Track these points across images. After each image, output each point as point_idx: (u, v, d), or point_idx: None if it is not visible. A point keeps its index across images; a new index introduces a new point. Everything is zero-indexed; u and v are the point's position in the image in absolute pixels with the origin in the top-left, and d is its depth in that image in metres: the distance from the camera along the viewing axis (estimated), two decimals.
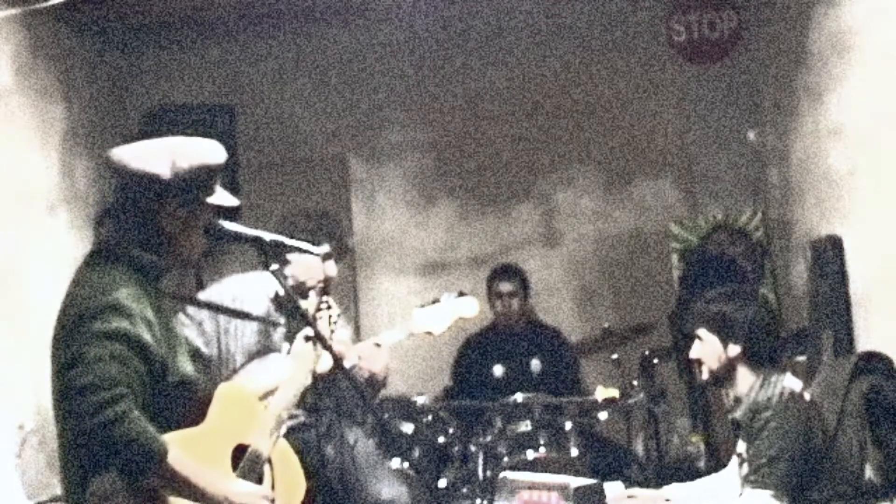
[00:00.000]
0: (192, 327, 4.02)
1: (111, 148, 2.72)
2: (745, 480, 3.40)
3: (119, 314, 2.49)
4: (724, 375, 3.52)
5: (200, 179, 2.67)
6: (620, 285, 6.54)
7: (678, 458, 5.79)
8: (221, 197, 2.76)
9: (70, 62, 5.85)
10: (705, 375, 3.57)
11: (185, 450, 2.52)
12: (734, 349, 3.48)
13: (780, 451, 3.30)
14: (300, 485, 2.95)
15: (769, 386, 3.43)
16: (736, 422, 3.53)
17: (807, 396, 3.47)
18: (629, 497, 3.63)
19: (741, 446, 3.50)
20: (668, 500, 3.62)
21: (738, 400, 3.52)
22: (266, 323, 3.97)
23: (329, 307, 3.61)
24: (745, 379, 3.50)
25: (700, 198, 6.55)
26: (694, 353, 3.58)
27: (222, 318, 4.09)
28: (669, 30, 6.52)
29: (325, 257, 4.04)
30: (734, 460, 3.67)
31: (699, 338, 3.54)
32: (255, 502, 2.64)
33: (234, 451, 2.74)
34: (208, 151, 2.73)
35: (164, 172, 2.61)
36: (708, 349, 3.53)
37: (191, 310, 4.11)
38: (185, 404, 2.62)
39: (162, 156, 2.64)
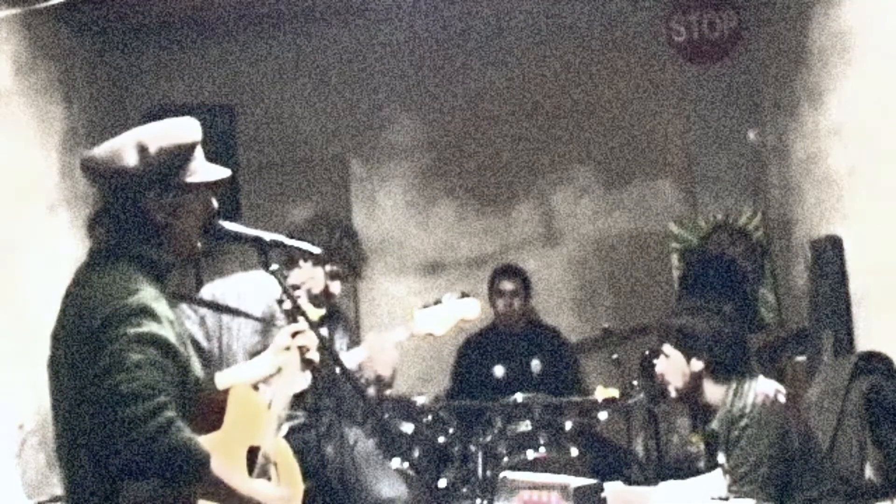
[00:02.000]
0: (194, 320, 4.02)
1: None
2: (729, 491, 3.40)
3: (149, 316, 2.43)
4: (691, 390, 3.54)
5: (175, 161, 2.55)
6: (620, 285, 6.54)
7: (678, 458, 5.77)
8: (206, 172, 2.63)
9: (70, 62, 5.85)
10: (673, 393, 3.58)
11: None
12: (697, 364, 3.49)
13: (759, 460, 3.31)
14: (300, 484, 2.95)
15: (743, 395, 3.43)
16: (714, 433, 3.53)
17: (781, 399, 3.46)
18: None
19: (722, 458, 3.50)
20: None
21: (710, 410, 3.53)
22: (266, 323, 3.97)
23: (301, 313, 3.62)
24: (713, 392, 3.51)
25: (700, 198, 6.54)
26: (659, 368, 3.61)
27: (225, 315, 4.10)
28: (669, 30, 6.52)
29: (333, 276, 4.04)
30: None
31: (664, 353, 3.55)
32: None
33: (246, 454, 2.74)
34: (178, 130, 2.60)
35: (134, 162, 2.51)
36: (672, 365, 3.54)
37: (194, 304, 4.10)
38: (194, 404, 2.61)
39: (129, 146, 2.53)
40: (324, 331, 3.76)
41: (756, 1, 6.33)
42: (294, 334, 3.11)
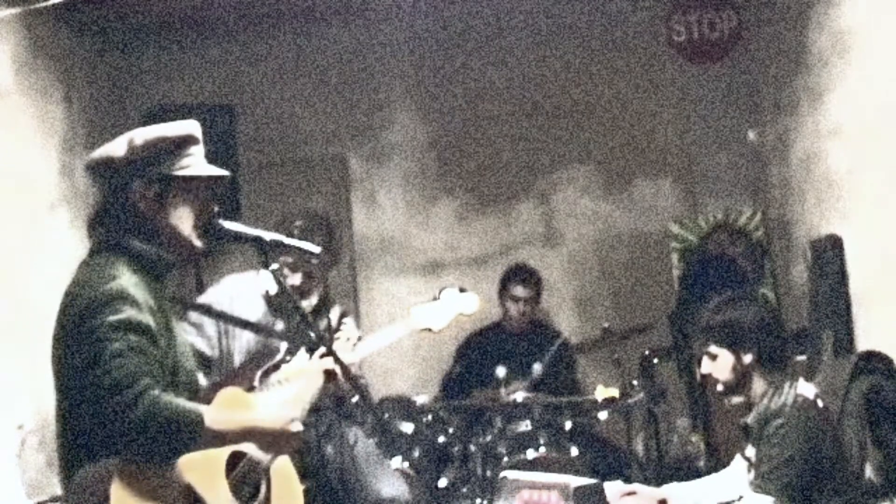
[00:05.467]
0: (193, 332, 4.03)
1: None
2: (750, 483, 3.38)
3: (127, 302, 2.45)
4: (740, 384, 3.47)
5: (160, 152, 2.60)
6: (620, 285, 6.54)
7: (678, 458, 5.78)
8: (196, 169, 2.66)
9: (70, 62, 5.85)
10: (720, 388, 3.51)
11: None
12: (748, 358, 3.44)
13: (788, 459, 3.26)
14: (298, 499, 2.92)
15: (783, 393, 3.38)
16: (746, 426, 3.49)
17: (820, 404, 3.43)
18: (629, 493, 3.61)
19: (750, 451, 3.46)
20: (663, 499, 3.59)
21: (749, 405, 3.48)
22: (266, 332, 3.96)
23: (345, 326, 3.61)
24: (759, 384, 3.45)
25: (700, 198, 6.55)
26: (705, 369, 3.51)
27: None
28: (669, 30, 6.52)
29: (295, 268, 4.02)
30: (736, 462, 3.65)
31: (710, 355, 3.49)
32: (281, 424, 2.65)
33: (231, 457, 2.69)
34: (170, 126, 2.66)
35: (119, 152, 2.58)
36: (721, 364, 3.46)
37: (192, 316, 4.12)
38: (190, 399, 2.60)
39: (120, 140, 2.61)
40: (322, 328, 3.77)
41: (756, 1, 6.33)
42: (324, 355, 3.09)
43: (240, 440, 2.59)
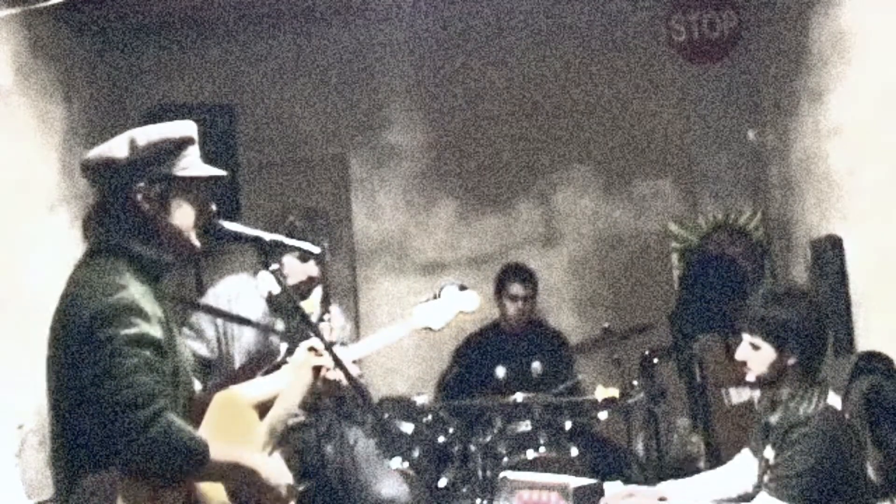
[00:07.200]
0: (193, 336, 4.04)
1: None
2: (764, 485, 3.35)
3: (138, 315, 2.44)
4: (773, 379, 3.42)
5: (162, 153, 2.59)
6: (620, 285, 6.54)
7: (678, 458, 5.78)
8: (197, 169, 2.66)
9: (70, 62, 5.85)
10: (751, 378, 3.45)
11: None
12: (791, 360, 3.36)
13: (807, 469, 3.21)
14: None
15: (811, 402, 3.33)
16: (769, 426, 3.46)
17: (847, 416, 3.40)
18: (629, 495, 3.61)
19: (769, 452, 3.43)
20: (663, 498, 3.58)
21: (774, 404, 3.45)
22: (265, 330, 3.96)
23: (329, 319, 3.60)
24: (791, 385, 3.39)
25: (700, 198, 6.55)
26: (741, 356, 3.45)
27: (220, 321, 4.11)
28: (669, 30, 6.52)
29: (304, 258, 4.03)
30: (738, 458, 3.64)
31: (753, 345, 3.43)
32: (281, 482, 2.63)
33: None
34: (170, 126, 2.66)
35: (122, 152, 2.57)
36: (761, 356, 3.40)
37: (192, 320, 4.12)
38: (188, 406, 2.60)
39: (121, 141, 2.60)
40: (324, 326, 3.77)
41: (756, 1, 6.33)
42: (311, 349, 3.08)
43: (234, 475, 2.56)
